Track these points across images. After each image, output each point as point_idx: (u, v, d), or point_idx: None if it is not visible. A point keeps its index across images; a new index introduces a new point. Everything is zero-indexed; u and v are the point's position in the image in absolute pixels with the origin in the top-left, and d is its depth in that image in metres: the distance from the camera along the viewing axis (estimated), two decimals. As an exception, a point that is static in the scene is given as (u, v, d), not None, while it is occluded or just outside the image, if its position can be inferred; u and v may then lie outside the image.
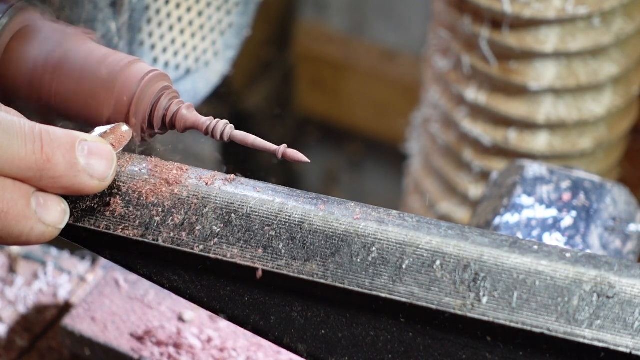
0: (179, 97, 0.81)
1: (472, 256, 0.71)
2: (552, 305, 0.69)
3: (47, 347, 1.18)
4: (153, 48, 1.16)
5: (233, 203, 0.75)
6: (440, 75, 1.71)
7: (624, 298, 0.69)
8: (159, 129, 0.81)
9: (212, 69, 1.24)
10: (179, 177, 0.76)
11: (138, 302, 1.15)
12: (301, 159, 0.77)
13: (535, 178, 1.12)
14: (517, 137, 1.64)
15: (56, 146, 0.70)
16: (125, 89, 0.79)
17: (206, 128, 0.79)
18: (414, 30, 2.65)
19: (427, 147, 1.81)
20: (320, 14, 2.81)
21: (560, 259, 0.71)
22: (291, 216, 0.74)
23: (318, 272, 0.73)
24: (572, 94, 1.60)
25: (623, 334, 0.68)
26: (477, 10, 1.57)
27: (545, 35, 1.55)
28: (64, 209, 0.72)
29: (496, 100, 1.63)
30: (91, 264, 1.26)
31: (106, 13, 1.04)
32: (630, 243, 1.09)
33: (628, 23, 1.59)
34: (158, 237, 0.75)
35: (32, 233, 0.71)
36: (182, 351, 1.10)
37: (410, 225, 0.73)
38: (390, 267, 0.72)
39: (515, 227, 1.08)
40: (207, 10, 1.22)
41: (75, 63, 0.79)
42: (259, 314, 0.75)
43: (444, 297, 0.71)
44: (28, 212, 0.70)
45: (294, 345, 0.75)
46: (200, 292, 0.76)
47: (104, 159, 0.72)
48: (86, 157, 0.71)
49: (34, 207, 0.70)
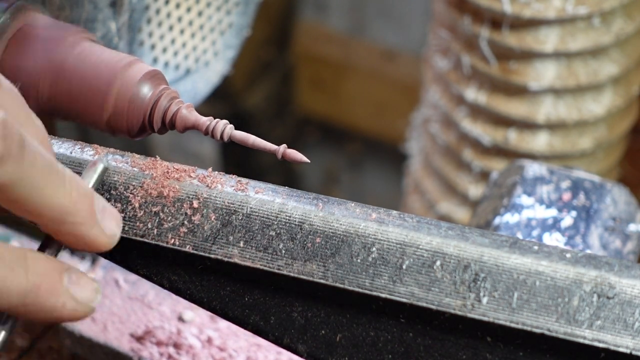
0: (178, 97, 0.81)
1: (472, 256, 0.71)
2: (552, 306, 0.69)
3: (47, 347, 1.18)
4: (153, 48, 1.16)
5: (233, 203, 0.75)
6: (440, 75, 1.71)
7: (624, 298, 0.69)
8: (159, 129, 0.81)
9: (212, 69, 1.24)
10: (179, 177, 0.76)
11: (138, 302, 1.15)
12: (301, 159, 0.77)
13: (535, 178, 1.12)
14: (517, 137, 1.64)
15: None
16: (124, 89, 0.79)
17: (206, 128, 0.79)
18: (414, 30, 2.65)
19: (427, 147, 1.80)
20: (320, 14, 2.81)
21: (560, 259, 0.71)
22: (291, 216, 0.74)
23: (318, 272, 0.73)
24: (572, 94, 1.60)
25: (623, 334, 0.68)
26: (477, 10, 1.57)
27: (545, 35, 1.55)
28: (96, 288, 0.72)
29: (496, 100, 1.63)
30: (91, 264, 1.26)
31: (106, 13, 1.04)
32: (630, 243, 1.09)
33: (628, 23, 1.59)
34: (158, 237, 0.75)
35: (64, 309, 0.70)
36: (182, 351, 1.10)
37: (410, 225, 0.73)
38: (391, 267, 0.72)
39: (515, 227, 1.08)
40: (207, 10, 1.22)
41: (75, 63, 0.79)
42: (259, 314, 0.75)
43: (444, 298, 0.71)
44: (60, 288, 0.69)
45: (294, 346, 0.75)
46: (200, 292, 0.76)
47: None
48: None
49: (66, 283, 0.70)
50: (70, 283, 0.70)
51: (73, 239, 0.71)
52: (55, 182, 0.67)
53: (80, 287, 0.71)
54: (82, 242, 0.71)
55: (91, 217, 0.70)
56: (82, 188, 0.69)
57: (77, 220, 0.69)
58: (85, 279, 0.71)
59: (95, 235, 0.71)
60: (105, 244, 0.72)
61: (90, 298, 0.71)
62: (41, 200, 0.67)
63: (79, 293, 0.71)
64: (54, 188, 0.67)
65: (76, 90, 0.79)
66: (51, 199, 0.67)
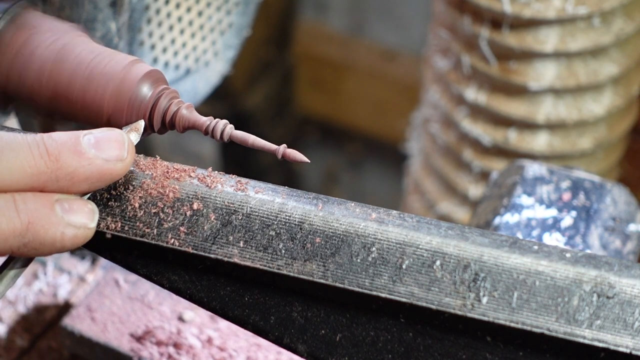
0: (178, 97, 0.81)
1: (472, 256, 0.71)
2: (552, 306, 0.69)
3: (47, 347, 1.18)
4: (153, 48, 1.16)
5: (233, 203, 0.75)
6: (440, 75, 1.71)
7: (624, 298, 0.69)
8: (159, 129, 0.81)
9: (212, 69, 1.24)
10: (179, 177, 0.76)
11: (138, 302, 1.15)
12: (301, 159, 0.77)
13: (535, 178, 1.12)
14: (517, 137, 1.64)
15: (60, 144, 0.71)
16: (125, 89, 0.79)
17: (206, 128, 0.79)
18: (414, 30, 2.65)
19: (427, 147, 1.81)
20: (320, 14, 2.81)
21: (560, 259, 0.71)
22: (291, 216, 0.74)
23: (318, 272, 0.73)
24: (572, 94, 1.60)
25: (623, 334, 0.68)
26: (477, 10, 1.57)
27: (545, 35, 1.55)
28: (90, 208, 0.73)
29: (496, 100, 1.63)
30: (91, 264, 1.26)
31: (106, 13, 1.04)
32: (630, 243, 1.09)
33: (628, 23, 1.59)
34: (158, 237, 0.75)
35: (64, 238, 0.72)
36: (182, 351, 1.10)
37: (410, 225, 0.73)
38: (390, 267, 0.72)
39: (515, 227, 1.08)
40: (207, 10, 1.22)
41: (76, 63, 0.79)
42: (259, 314, 0.75)
43: (444, 297, 0.71)
44: (55, 219, 0.71)
45: (294, 345, 0.75)
46: (200, 292, 0.76)
47: (113, 141, 0.73)
48: (94, 146, 0.72)
49: (59, 212, 0.71)
50: (64, 211, 0.71)
51: (85, 186, 0.73)
52: (23, 153, 0.71)
53: (74, 212, 0.72)
54: (96, 183, 0.73)
55: (80, 159, 0.72)
56: (58, 140, 0.72)
57: (69, 170, 0.71)
58: (78, 203, 0.72)
59: (99, 170, 0.73)
60: (117, 170, 0.73)
61: (88, 220, 0.73)
62: (18, 176, 0.71)
63: (74, 219, 0.72)
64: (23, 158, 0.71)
65: (76, 91, 0.79)
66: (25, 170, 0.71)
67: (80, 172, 0.71)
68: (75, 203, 0.72)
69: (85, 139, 0.72)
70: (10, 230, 0.70)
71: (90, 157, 0.72)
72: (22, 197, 0.70)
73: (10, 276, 0.73)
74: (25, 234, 0.70)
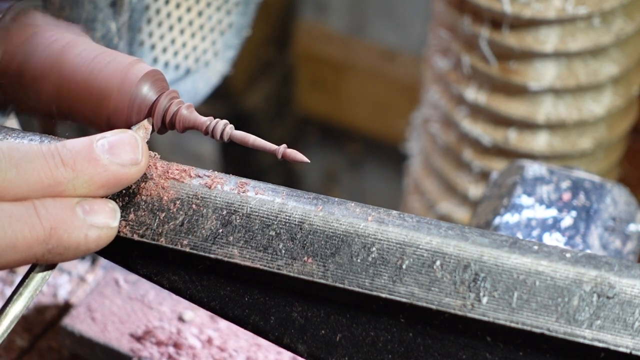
0: (178, 97, 0.81)
1: (472, 256, 0.71)
2: (552, 306, 0.69)
3: (47, 347, 1.18)
4: (153, 48, 1.16)
5: (233, 203, 0.75)
6: (440, 75, 1.71)
7: (624, 298, 0.69)
8: (159, 129, 0.81)
9: (212, 69, 1.24)
10: (179, 177, 0.76)
11: (138, 302, 1.15)
12: (301, 159, 0.77)
13: (535, 178, 1.12)
14: (517, 137, 1.64)
15: (74, 153, 0.71)
16: (124, 89, 0.79)
17: (206, 128, 0.79)
18: (414, 30, 2.65)
19: (427, 147, 1.81)
20: (320, 14, 2.81)
21: (560, 259, 0.71)
22: (291, 216, 0.74)
23: (318, 272, 0.73)
24: (572, 94, 1.60)
25: (623, 334, 0.68)
26: (477, 10, 1.57)
27: (545, 35, 1.55)
28: (112, 207, 0.73)
29: (496, 100, 1.63)
30: (91, 264, 1.26)
31: (106, 13, 1.04)
32: (630, 243, 1.09)
33: (628, 23, 1.59)
34: (158, 237, 0.75)
35: (88, 240, 0.71)
36: (182, 351, 1.10)
37: (410, 225, 0.73)
38: (390, 267, 0.72)
39: (515, 227, 1.08)
40: (207, 10, 1.22)
41: (75, 63, 0.79)
42: (259, 314, 0.75)
43: (444, 297, 0.71)
44: (77, 222, 0.70)
45: (294, 346, 0.75)
46: (200, 292, 0.76)
47: (127, 145, 0.73)
48: (108, 151, 0.72)
49: (81, 215, 0.71)
50: (85, 213, 0.71)
51: (102, 191, 0.72)
52: (38, 164, 0.71)
53: (96, 213, 0.72)
54: (112, 187, 0.73)
55: (96, 166, 0.72)
56: (72, 149, 0.72)
57: (86, 177, 0.71)
58: (99, 203, 0.72)
59: (115, 175, 0.73)
60: (133, 173, 0.73)
61: (110, 219, 0.73)
62: (37, 186, 0.71)
63: (97, 220, 0.72)
64: (40, 169, 0.71)
65: (76, 91, 0.79)
66: (42, 181, 0.71)
67: (96, 179, 0.71)
68: (96, 203, 0.72)
69: (99, 144, 0.72)
70: (34, 237, 0.69)
71: (105, 163, 0.72)
72: (43, 203, 0.70)
73: (37, 280, 0.72)
74: (49, 240, 0.69)
